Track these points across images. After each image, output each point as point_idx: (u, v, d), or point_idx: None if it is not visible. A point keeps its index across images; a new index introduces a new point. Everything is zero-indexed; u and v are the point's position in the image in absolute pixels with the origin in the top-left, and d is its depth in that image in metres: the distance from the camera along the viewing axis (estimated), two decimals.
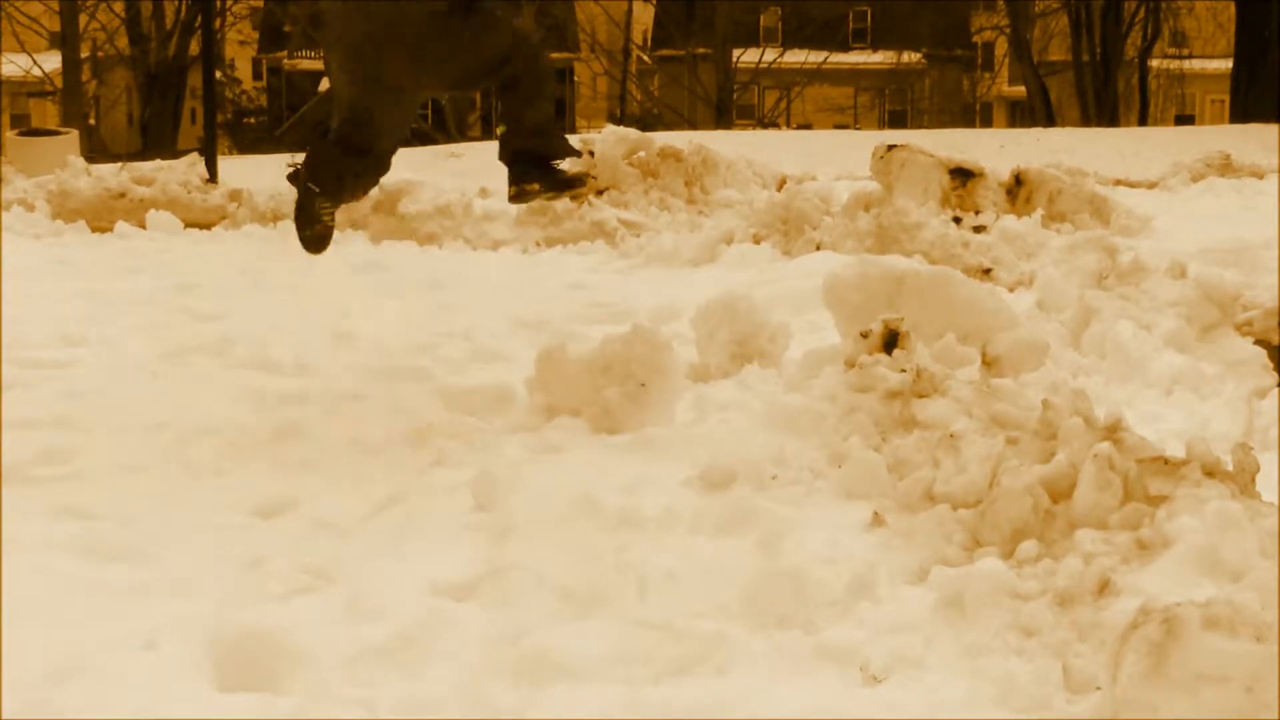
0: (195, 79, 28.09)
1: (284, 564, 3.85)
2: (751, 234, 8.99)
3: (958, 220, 8.79)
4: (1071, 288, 6.29)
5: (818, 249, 8.50)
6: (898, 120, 43.79)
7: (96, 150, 27.61)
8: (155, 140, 30.49)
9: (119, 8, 32.50)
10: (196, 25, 29.06)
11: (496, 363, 5.69)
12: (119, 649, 3.27)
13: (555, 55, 44.06)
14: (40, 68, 32.76)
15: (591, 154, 10.56)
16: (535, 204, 9.64)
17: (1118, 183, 13.04)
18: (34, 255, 8.81)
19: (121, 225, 9.93)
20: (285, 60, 44.25)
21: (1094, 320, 5.83)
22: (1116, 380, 5.45)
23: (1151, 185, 13.14)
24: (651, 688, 3.19)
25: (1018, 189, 9.52)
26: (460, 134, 32.30)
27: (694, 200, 10.56)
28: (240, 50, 43.24)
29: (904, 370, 4.55)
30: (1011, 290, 7.30)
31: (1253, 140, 16.74)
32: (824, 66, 39.33)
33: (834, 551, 3.69)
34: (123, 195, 10.46)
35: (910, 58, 42.41)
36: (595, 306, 7.27)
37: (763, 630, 3.41)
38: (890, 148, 9.39)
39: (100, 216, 10.24)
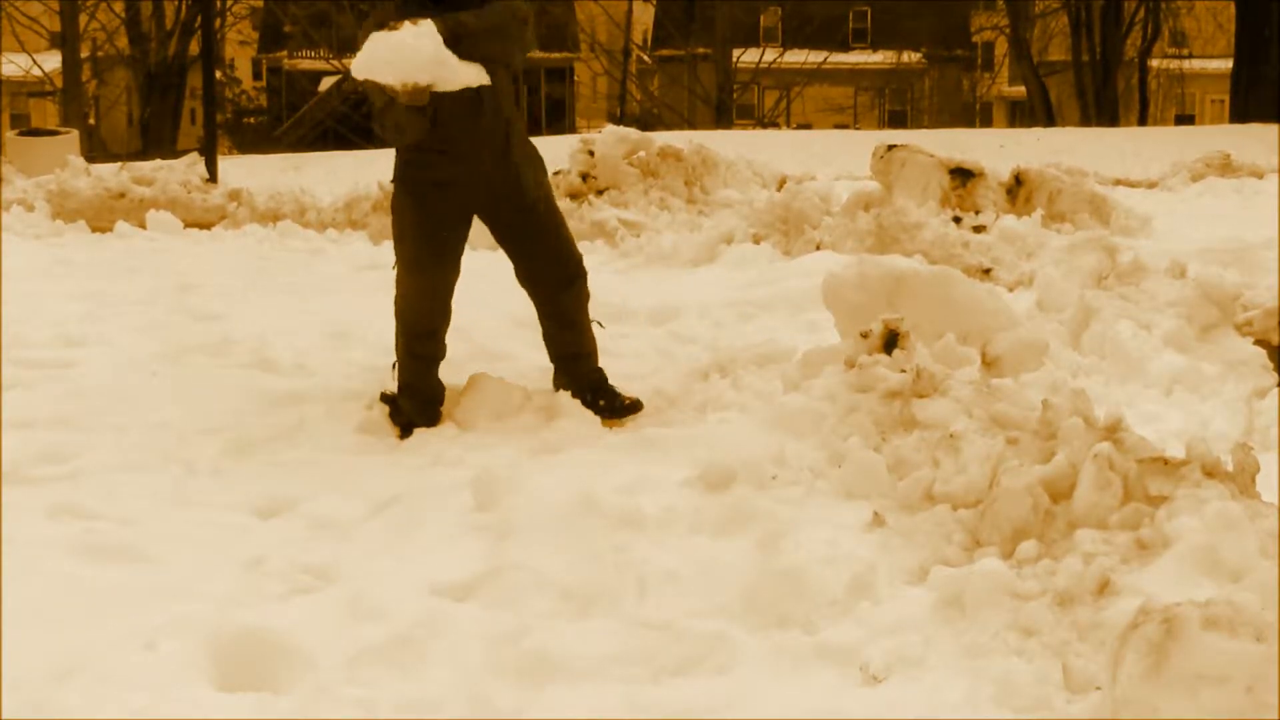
0: (195, 79, 28.09)
1: (284, 564, 3.86)
2: (751, 234, 8.99)
3: (958, 220, 8.79)
4: (1071, 288, 6.29)
5: (818, 249, 8.49)
6: (898, 120, 43.78)
7: (96, 150, 27.62)
8: (155, 140, 30.47)
9: (119, 8, 32.48)
10: (196, 25, 29.05)
11: (496, 362, 5.69)
12: (119, 649, 3.27)
13: (555, 55, 43.93)
14: (40, 68, 32.74)
15: (591, 154, 10.56)
16: None
17: (1118, 183, 13.04)
18: (34, 255, 8.80)
19: (121, 225, 9.93)
20: (285, 60, 44.24)
21: (1094, 320, 5.83)
22: (1116, 380, 5.45)
23: (1151, 185, 13.14)
24: (651, 688, 3.19)
25: (1018, 189, 9.52)
26: None
27: (694, 200, 10.56)
28: (240, 50, 43.22)
29: (904, 370, 4.55)
30: (1011, 290, 7.30)
31: (1253, 140, 16.74)
32: (824, 66, 39.31)
33: (834, 551, 3.69)
34: (123, 195, 10.45)
35: (910, 58, 42.39)
36: (595, 306, 7.25)
37: (763, 630, 3.41)
38: (890, 148, 9.38)
39: (100, 216, 10.24)
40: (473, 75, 4.72)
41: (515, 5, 4.95)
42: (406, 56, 4.69)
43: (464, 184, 5.07)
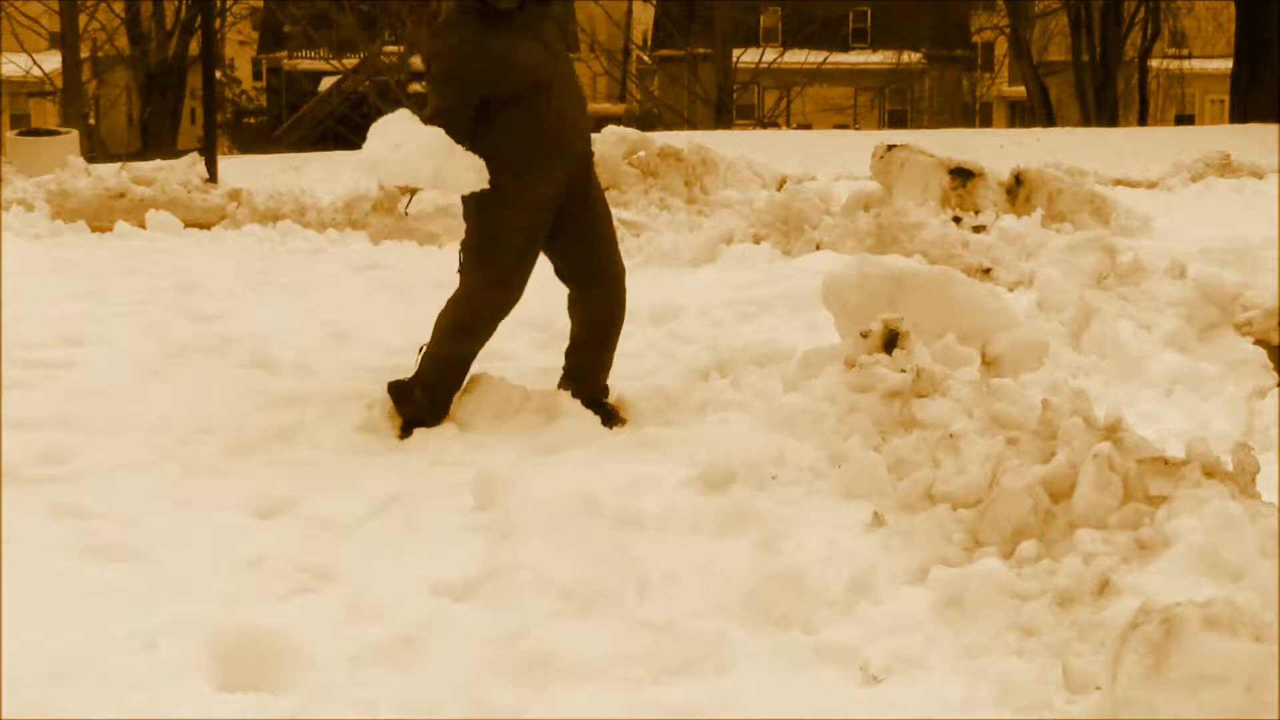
0: (195, 79, 28.03)
1: (284, 564, 3.86)
2: (751, 234, 8.99)
3: (958, 220, 8.79)
4: (1071, 288, 6.29)
5: (818, 249, 8.49)
6: (898, 120, 43.76)
7: (96, 150, 27.59)
8: (155, 140, 30.45)
9: (119, 8, 32.45)
10: (196, 25, 29.03)
11: (496, 362, 5.69)
12: (119, 649, 3.27)
13: None
14: (40, 68, 32.71)
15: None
16: None
17: (1118, 183, 13.04)
18: (34, 255, 8.80)
19: (121, 225, 9.93)
20: (285, 60, 44.23)
21: (1094, 320, 5.83)
22: (1116, 380, 5.45)
23: (1151, 185, 13.14)
24: (651, 688, 3.20)
25: (1018, 189, 9.53)
26: None
27: (694, 200, 10.56)
28: (240, 50, 43.21)
29: (904, 370, 4.55)
30: (1011, 290, 7.30)
31: (1253, 140, 16.74)
32: (824, 66, 39.28)
33: (834, 551, 3.69)
34: (123, 195, 10.45)
35: (910, 58, 42.37)
36: None
37: (763, 630, 3.41)
38: (890, 148, 9.39)
39: (100, 216, 10.24)
40: (474, 179, 4.70)
41: None
42: (410, 165, 4.65)
43: (563, 184, 5.07)
